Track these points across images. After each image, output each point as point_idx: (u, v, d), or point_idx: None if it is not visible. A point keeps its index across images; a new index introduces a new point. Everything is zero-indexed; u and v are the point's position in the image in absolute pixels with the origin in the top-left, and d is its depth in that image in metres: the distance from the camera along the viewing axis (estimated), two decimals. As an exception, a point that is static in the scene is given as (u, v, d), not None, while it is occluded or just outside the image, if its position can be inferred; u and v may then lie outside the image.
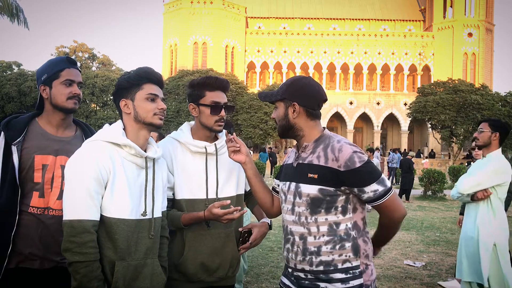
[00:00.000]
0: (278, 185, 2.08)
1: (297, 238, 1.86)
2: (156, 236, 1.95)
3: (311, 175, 1.82)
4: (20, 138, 2.10)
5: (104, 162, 1.80)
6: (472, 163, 5.71)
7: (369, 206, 2.18)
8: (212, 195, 2.20)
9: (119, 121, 1.97)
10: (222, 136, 2.31)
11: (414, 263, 6.27)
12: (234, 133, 2.09)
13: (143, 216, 1.89)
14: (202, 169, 2.21)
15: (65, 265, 2.13)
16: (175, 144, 2.23)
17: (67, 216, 1.76)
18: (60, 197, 2.12)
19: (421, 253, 7.02)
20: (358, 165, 1.76)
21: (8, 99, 37.06)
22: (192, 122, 2.33)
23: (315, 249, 1.82)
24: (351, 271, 1.81)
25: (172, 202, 2.19)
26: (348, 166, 1.76)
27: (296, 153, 1.97)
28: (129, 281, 1.83)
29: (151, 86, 1.94)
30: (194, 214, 2.12)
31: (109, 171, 1.81)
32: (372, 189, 1.78)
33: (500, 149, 3.61)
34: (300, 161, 1.89)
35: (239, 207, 2.10)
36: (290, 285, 1.95)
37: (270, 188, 2.19)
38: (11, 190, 2.05)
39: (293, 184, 1.89)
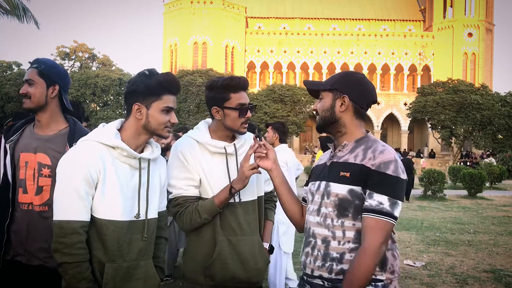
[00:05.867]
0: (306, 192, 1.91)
1: (319, 241, 1.71)
2: (150, 238, 1.92)
3: (343, 173, 1.68)
4: (14, 137, 2.25)
5: (94, 163, 1.77)
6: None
7: None
8: (235, 198, 2.09)
9: (118, 121, 1.94)
10: (240, 135, 2.21)
11: (414, 263, 6.25)
12: (263, 138, 1.94)
13: (136, 218, 1.86)
14: (223, 170, 2.12)
15: (50, 266, 2.13)
16: (193, 144, 2.14)
17: (57, 216, 1.75)
18: (37, 192, 2.19)
19: (421, 253, 6.99)
20: (389, 172, 1.61)
21: (8, 99, 37.12)
22: (209, 120, 2.23)
23: (337, 255, 1.66)
24: (372, 283, 1.63)
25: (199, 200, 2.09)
26: (379, 167, 1.62)
27: (331, 152, 1.81)
28: (120, 283, 1.81)
29: (169, 97, 1.87)
30: (221, 192, 2.02)
31: (99, 171, 1.78)
32: (380, 199, 1.60)
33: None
34: (335, 160, 1.75)
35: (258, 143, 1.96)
36: None
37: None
38: (4, 185, 2.20)
39: (323, 183, 1.75)
